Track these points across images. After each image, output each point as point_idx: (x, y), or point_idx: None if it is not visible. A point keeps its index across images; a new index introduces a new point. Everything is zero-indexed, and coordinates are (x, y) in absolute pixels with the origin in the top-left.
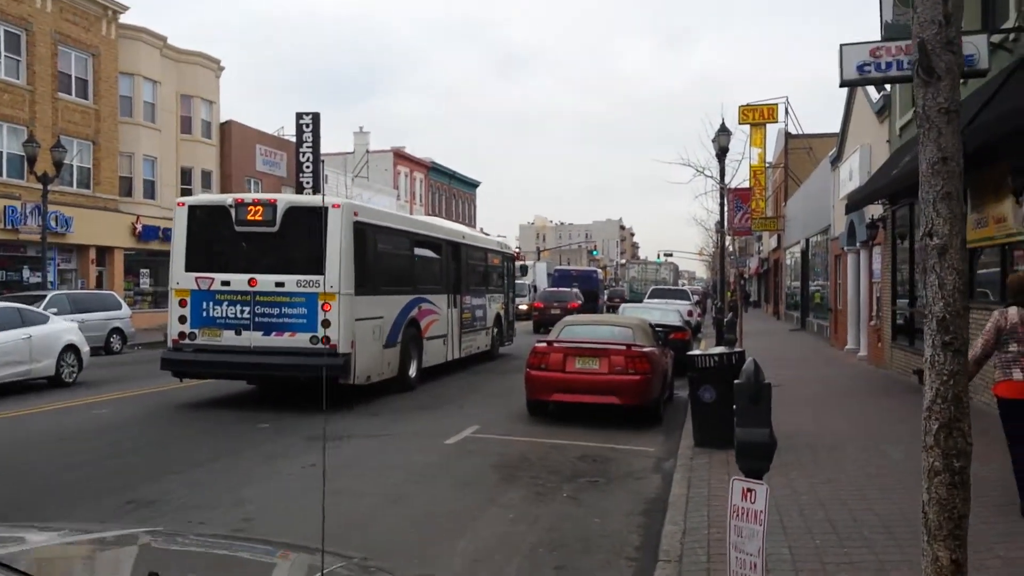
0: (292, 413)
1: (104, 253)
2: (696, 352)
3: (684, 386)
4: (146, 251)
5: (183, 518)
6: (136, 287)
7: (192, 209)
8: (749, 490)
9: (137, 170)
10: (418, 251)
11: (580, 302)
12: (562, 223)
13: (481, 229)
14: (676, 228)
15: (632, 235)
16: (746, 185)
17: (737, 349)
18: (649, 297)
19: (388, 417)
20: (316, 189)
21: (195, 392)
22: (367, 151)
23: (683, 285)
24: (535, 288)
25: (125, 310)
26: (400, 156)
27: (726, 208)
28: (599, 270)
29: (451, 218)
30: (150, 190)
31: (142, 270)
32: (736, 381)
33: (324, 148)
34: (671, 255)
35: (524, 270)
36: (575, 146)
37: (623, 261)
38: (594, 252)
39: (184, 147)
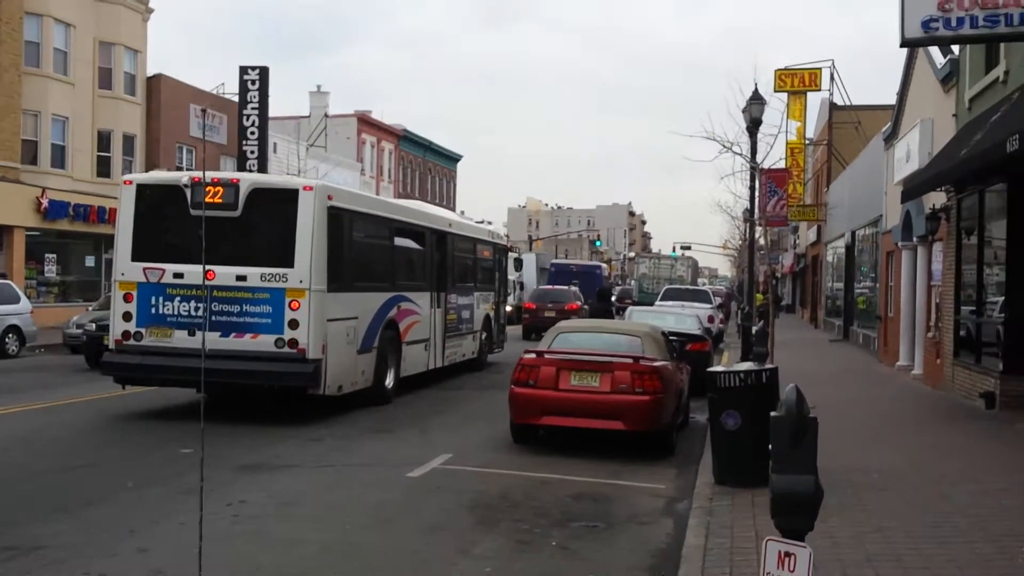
0: (241, 430)
1: (1, 233)
2: (718, 368)
3: (702, 409)
4: (53, 232)
5: (71, 570)
6: (40, 276)
7: (141, 188)
8: (787, 554)
9: (44, 132)
10: (399, 241)
11: (580, 303)
12: (559, 207)
13: (462, 213)
14: (696, 216)
15: (643, 223)
16: (782, 165)
17: (768, 365)
18: (662, 299)
19: (345, 440)
20: (262, 160)
21: (129, 403)
22: (326, 115)
23: (703, 285)
24: (521, 285)
25: (24, 304)
26: (366, 122)
27: (757, 192)
28: (604, 265)
29: (426, 198)
30: (59, 157)
31: (48, 255)
32: (773, 414)
33: (273, 111)
34: (689, 248)
35: (519, 264)
36: (577, 114)
37: (632, 254)
38: (597, 243)
39: (103, 105)
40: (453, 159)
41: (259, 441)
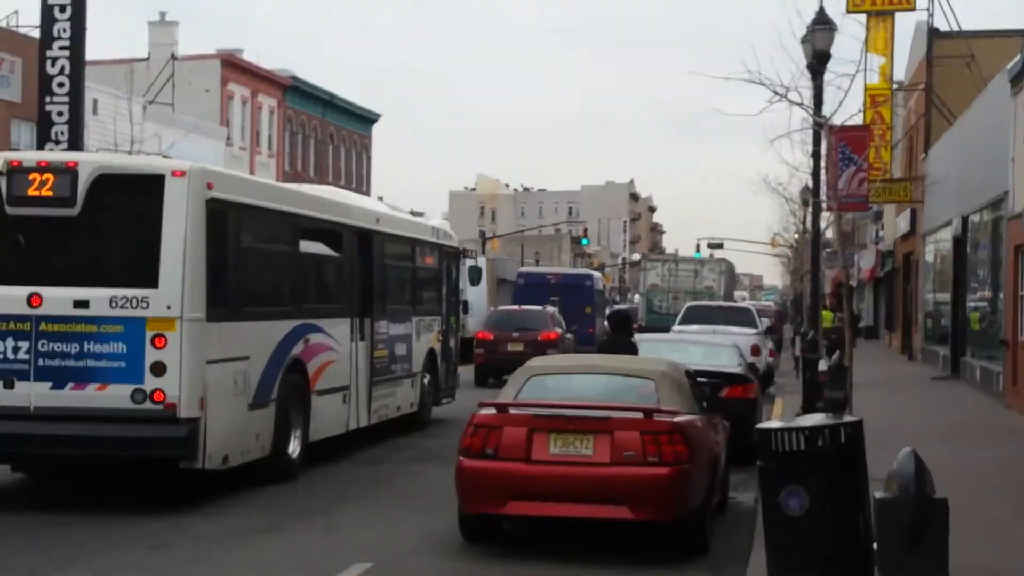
0: (60, 525)
1: None
2: (772, 423)
3: (748, 484)
4: None
5: None
6: None
7: None
8: None
9: None
10: (305, 246)
11: (560, 331)
12: (526, 189)
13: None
14: (731, 199)
15: (651, 210)
16: (859, 121)
17: (848, 418)
18: (683, 321)
19: (209, 544)
20: (75, 124)
21: None
22: (173, 57)
23: (742, 300)
24: (466, 305)
25: None
26: (234, 67)
27: (824, 161)
28: (596, 274)
29: (325, 179)
30: None
31: None
32: (878, 495)
33: (94, 51)
34: (721, 246)
35: (475, 275)
36: (555, 54)
37: (635, 256)
38: (583, 241)
39: None
40: (367, 120)
41: (80, 545)
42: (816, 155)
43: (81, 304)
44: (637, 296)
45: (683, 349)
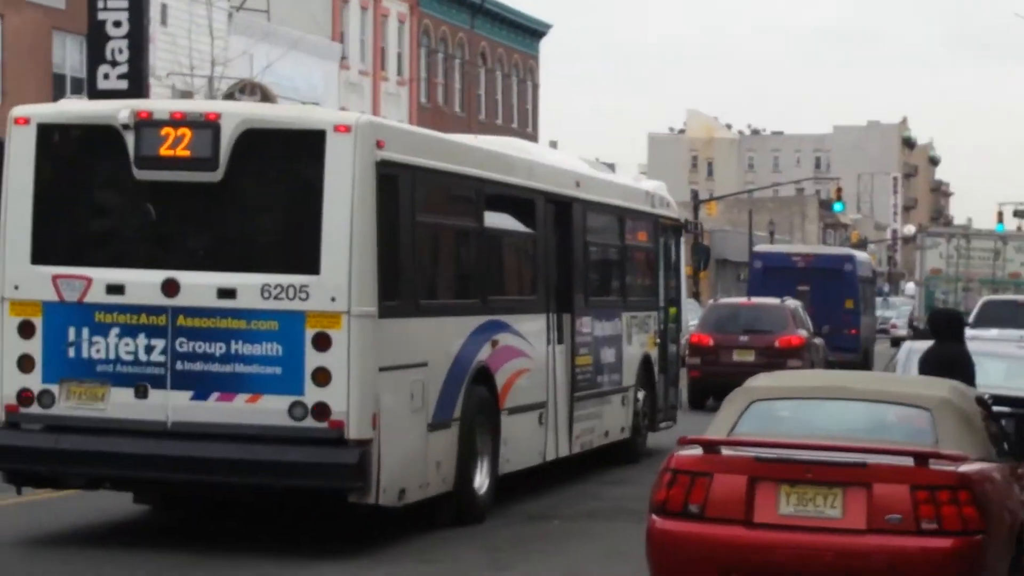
0: None
1: None
2: None
3: None
4: None
5: None
6: None
7: (47, 132)
8: None
9: None
10: (491, 219)
11: (807, 334)
12: (755, 131)
13: (552, 145)
14: None
15: (933, 163)
16: None
17: None
18: (978, 322)
19: None
20: (136, 40)
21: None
22: None
23: None
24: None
25: None
26: None
27: None
28: (861, 255)
29: (474, 115)
30: None
31: None
32: None
33: None
34: None
35: (703, 256)
36: None
37: (909, 229)
38: (836, 206)
39: None
40: (533, 32)
41: None
42: None
43: (227, 294)
44: (911, 285)
45: (978, 365)
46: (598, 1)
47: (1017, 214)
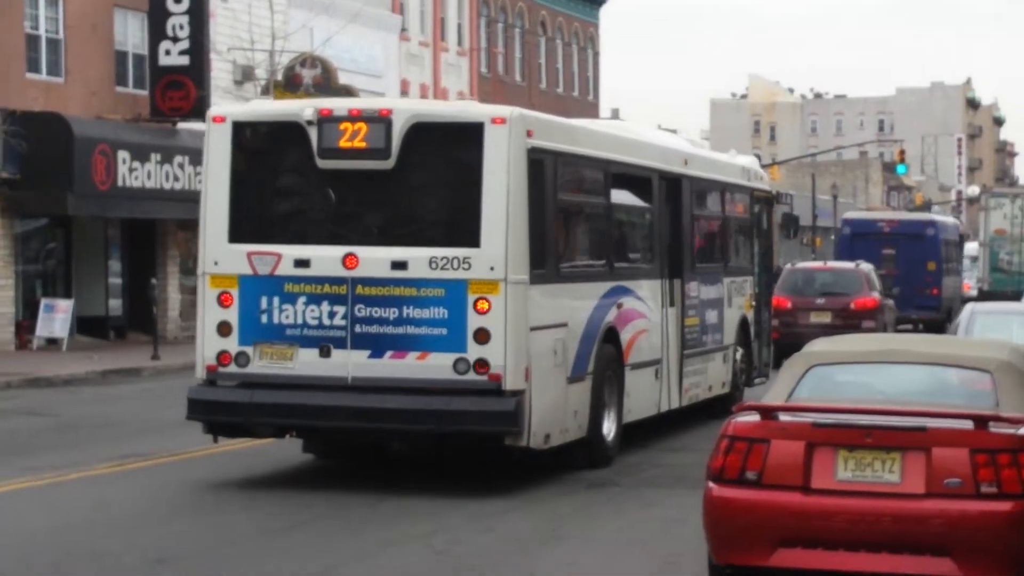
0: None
1: None
2: None
3: None
4: None
5: None
6: None
7: (240, 128)
8: None
9: None
10: (616, 196)
11: (879, 297)
12: (818, 95)
13: (614, 113)
14: None
15: (997, 123)
16: None
17: None
18: None
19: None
20: (197, 14)
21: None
22: None
23: None
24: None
25: None
26: None
27: None
28: (943, 219)
29: (535, 84)
30: None
31: None
32: None
33: None
34: None
35: (792, 224)
36: None
37: (974, 190)
38: (900, 168)
39: None
40: (592, 1)
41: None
42: None
43: (399, 265)
44: (975, 246)
45: None
46: None
47: None
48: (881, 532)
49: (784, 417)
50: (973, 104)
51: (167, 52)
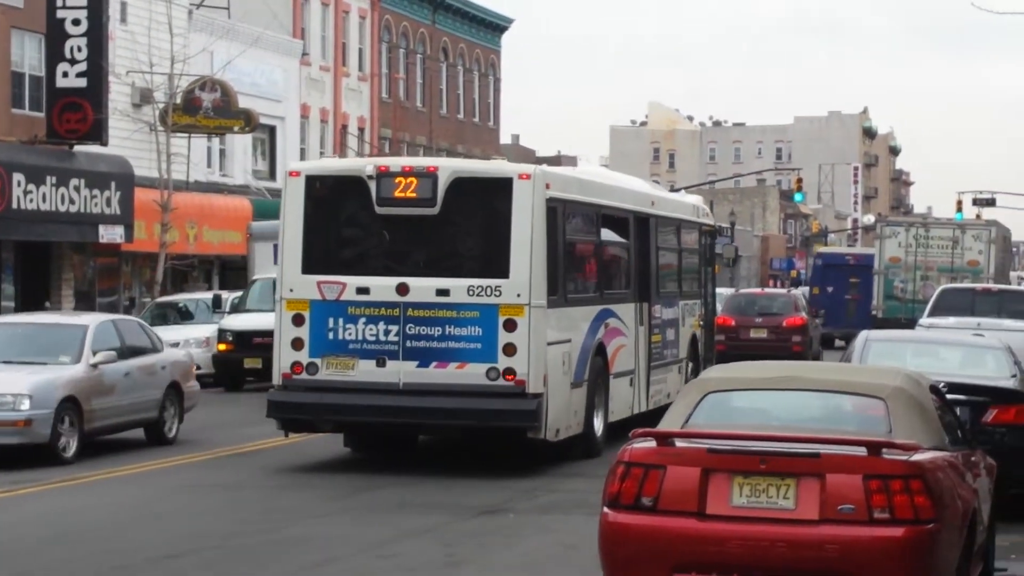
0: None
1: None
2: None
3: (1023, 549)
4: None
5: None
6: None
7: (312, 181)
8: None
9: None
10: (604, 234)
11: (805, 317)
12: (716, 123)
13: (514, 138)
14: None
15: (894, 153)
16: None
17: None
18: (935, 311)
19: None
20: (95, 37)
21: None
22: None
23: (1022, 281)
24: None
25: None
26: None
27: None
28: None
29: (435, 110)
30: None
31: None
32: None
33: None
34: (992, 203)
35: (734, 252)
36: None
37: (869, 218)
38: (797, 196)
39: None
40: (495, 27)
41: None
42: None
43: (443, 292)
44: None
45: (931, 352)
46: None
47: (976, 203)
48: (776, 558)
49: (680, 443)
50: (870, 133)
51: (64, 74)
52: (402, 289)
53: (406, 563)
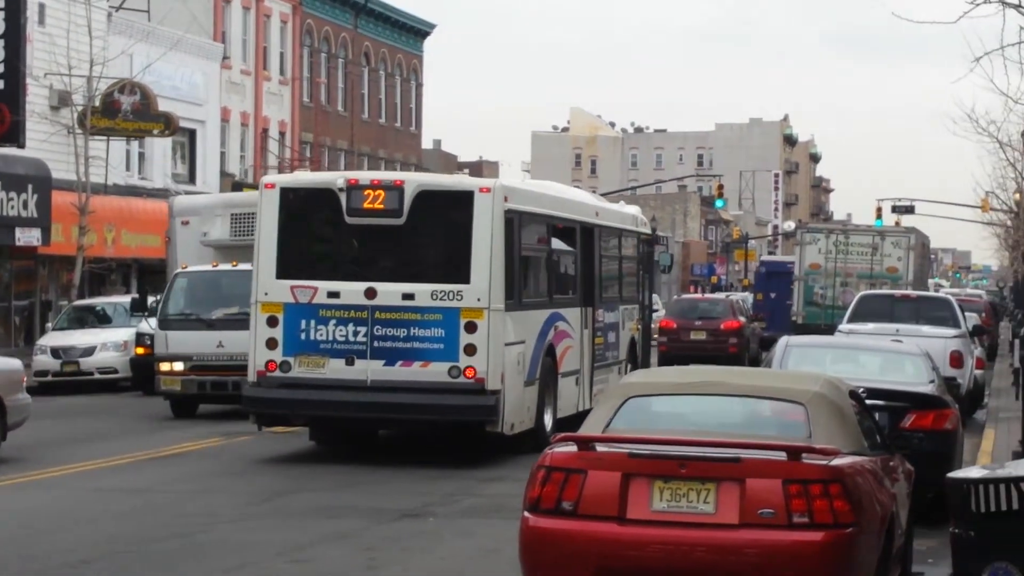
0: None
1: None
2: (972, 472)
3: (943, 553)
4: None
5: None
6: None
7: (286, 193)
8: None
9: None
10: (555, 244)
11: (743, 320)
12: (638, 129)
13: (436, 143)
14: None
15: (814, 160)
16: None
17: None
18: (854, 317)
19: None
20: (12, 39)
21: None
22: None
23: (939, 288)
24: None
25: None
26: None
27: None
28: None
29: (357, 114)
30: None
31: None
32: None
33: None
34: (911, 210)
35: (669, 259)
36: None
37: (789, 225)
38: (718, 203)
39: None
40: (417, 32)
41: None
42: None
43: (408, 296)
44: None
45: (851, 358)
46: (482, 2)
47: (895, 210)
48: (696, 562)
49: (600, 448)
50: (790, 140)
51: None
52: (370, 293)
53: (324, 568)
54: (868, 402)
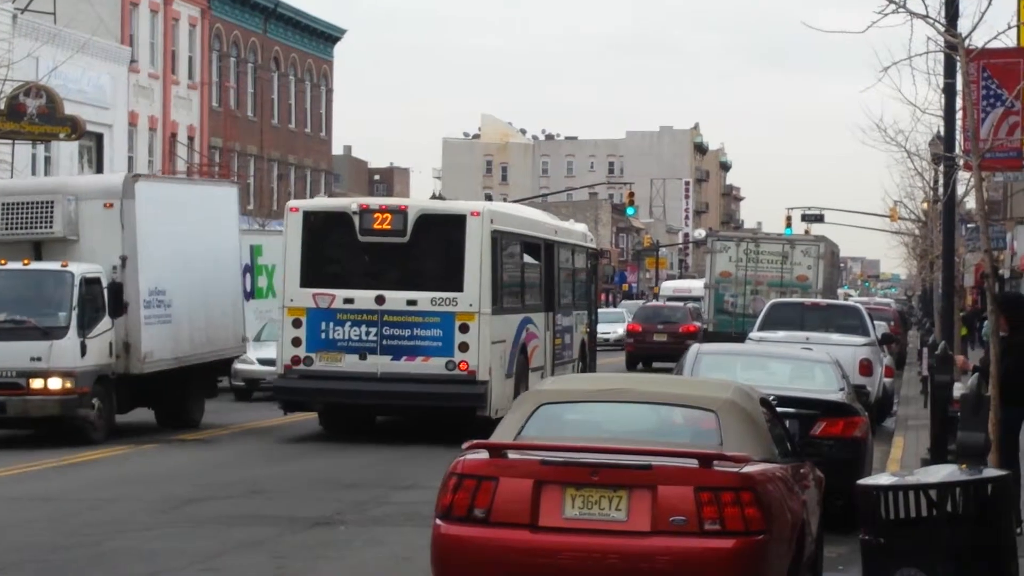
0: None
1: None
2: (881, 479)
3: (854, 560)
4: None
5: None
6: None
7: (308, 215)
8: None
9: None
10: (526, 258)
11: (699, 324)
12: (549, 136)
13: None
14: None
15: (725, 168)
16: (1011, 42)
17: (991, 472)
18: (765, 325)
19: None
20: None
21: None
22: None
23: (848, 297)
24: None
25: None
26: None
27: (961, 100)
28: None
29: (267, 119)
30: None
31: None
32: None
33: None
34: (820, 219)
35: (611, 271)
36: None
37: (700, 233)
38: (628, 210)
39: None
40: (327, 38)
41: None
42: (949, 90)
43: (412, 303)
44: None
45: (761, 366)
46: (393, 8)
47: (805, 218)
48: (608, 569)
49: (512, 455)
50: (700, 149)
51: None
52: (379, 300)
53: None
54: (779, 410)
